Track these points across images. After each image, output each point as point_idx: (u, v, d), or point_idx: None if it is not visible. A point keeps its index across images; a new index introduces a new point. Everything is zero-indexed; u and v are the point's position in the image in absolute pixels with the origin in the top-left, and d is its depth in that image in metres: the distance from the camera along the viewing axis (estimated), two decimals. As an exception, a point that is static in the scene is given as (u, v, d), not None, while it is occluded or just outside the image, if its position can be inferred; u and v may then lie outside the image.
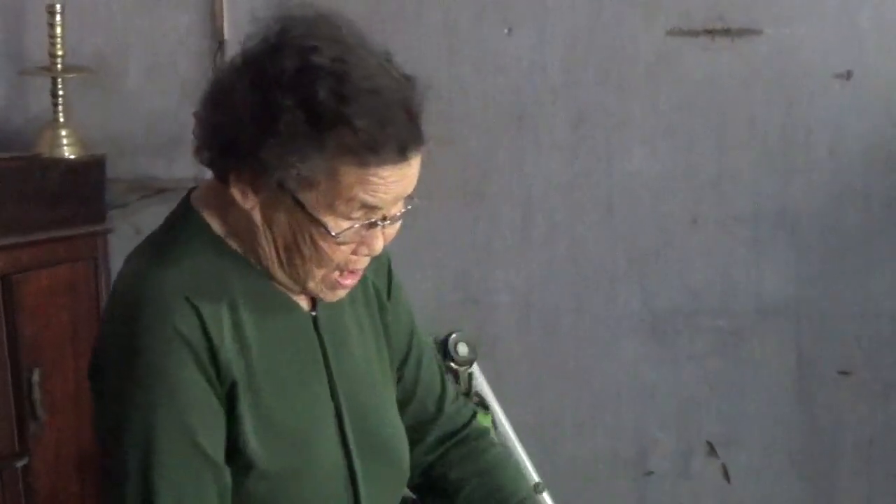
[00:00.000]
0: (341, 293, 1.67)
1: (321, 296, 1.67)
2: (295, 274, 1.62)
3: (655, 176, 3.15)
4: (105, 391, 1.59)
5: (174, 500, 1.53)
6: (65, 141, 3.23)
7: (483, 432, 1.97)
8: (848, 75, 2.89)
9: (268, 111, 1.48)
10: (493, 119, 3.25)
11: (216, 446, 1.56)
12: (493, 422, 2.24)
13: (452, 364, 2.20)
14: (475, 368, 2.25)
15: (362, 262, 1.64)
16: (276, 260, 1.62)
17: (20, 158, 3.23)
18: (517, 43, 3.24)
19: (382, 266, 1.82)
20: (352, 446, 1.68)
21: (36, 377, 3.00)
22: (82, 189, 3.25)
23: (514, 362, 3.14)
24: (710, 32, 2.97)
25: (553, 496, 2.15)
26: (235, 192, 1.55)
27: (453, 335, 2.23)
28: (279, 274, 1.64)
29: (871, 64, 2.91)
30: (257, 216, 1.57)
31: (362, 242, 1.59)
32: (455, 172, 3.30)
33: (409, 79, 1.57)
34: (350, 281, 1.65)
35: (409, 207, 1.64)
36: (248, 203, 1.56)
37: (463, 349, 2.23)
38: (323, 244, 1.56)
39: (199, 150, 1.60)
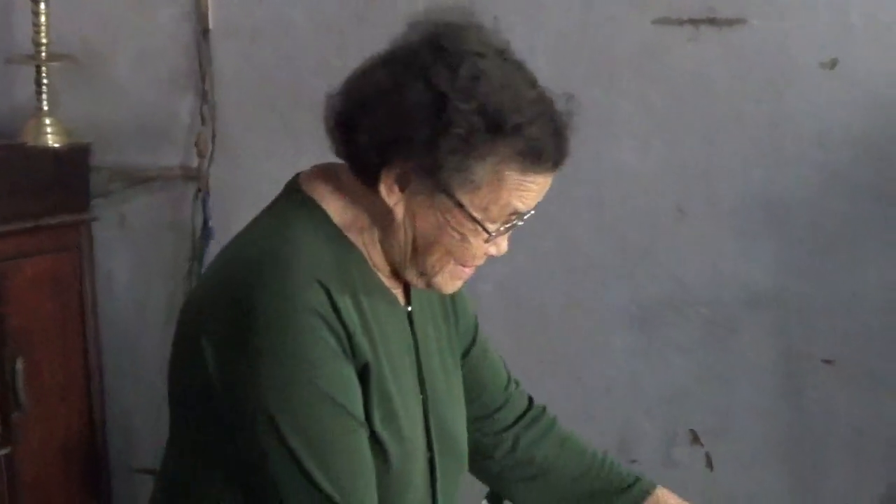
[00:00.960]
0: (460, 283, 1.70)
1: (443, 286, 1.68)
2: (421, 266, 1.64)
3: (644, 168, 3.13)
4: (216, 392, 1.57)
5: (335, 466, 1.56)
6: (49, 129, 3.25)
7: (550, 416, 2.01)
8: (832, 64, 2.86)
9: (444, 114, 1.51)
10: None
11: (359, 411, 1.59)
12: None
13: None
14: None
15: (482, 261, 1.67)
16: (409, 253, 1.64)
17: (4, 147, 3.27)
18: (506, 35, 3.24)
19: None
20: (434, 438, 1.73)
21: (20, 366, 3.04)
22: (66, 178, 3.27)
23: (504, 353, 3.12)
24: (695, 22, 2.96)
25: None
26: (383, 188, 1.57)
27: None
28: (405, 266, 1.66)
29: (858, 53, 2.89)
30: (400, 211, 1.59)
31: (496, 246, 1.64)
32: None
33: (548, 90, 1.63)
34: (465, 277, 1.68)
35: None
36: (393, 199, 1.58)
37: None
38: (473, 241, 1.59)
39: (339, 143, 1.62)
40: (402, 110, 1.53)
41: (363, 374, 1.59)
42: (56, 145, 3.25)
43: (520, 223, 1.63)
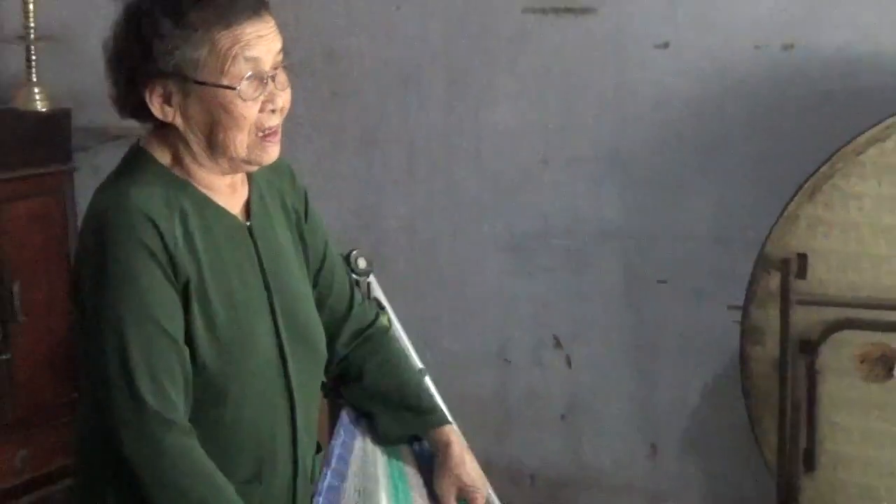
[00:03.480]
0: (273, 150, 1.80)
1: (259, 159, 1.80)
2: (226, 152, 1.77)
3: (514, 126, 3.51)
4: (85, 299, 1.75)
5: (148, 372, 1.68)
6: (37, 97, 3.59)
7: (384, 329, 2.12)
8: (665, 45, 3.22)
9: (143, 32, 1.69)
10: (384, 80, 3.56)
11: (178, 332, 1.71)
12: (389, 320, 2.31)
13: (354, 275, 2.29)
14: (372, 279, 2.40)
15: (274, 120, 1.78)
16: (208, 149, 1.78)
17: (4, 114, 3.57)
18: (404, 17, 3.56)
19: (300, 196, 2.00)
20: (283, 334, 1.84)
21: (16, 289, 3.38)
22: (52, 136, 3.58)
23: (402, 275, 3.45)
24: (556, 10, 3.29)
25: (432, 380, 2.29)
26: (156, 110, 1.72)
27: (354, 251, 2.35)
28: (214, 162, 1.79)
29: (685, 36, 3.22)
30: (179, 121, 1.73)
31: (266, 101, 1.75)
32: (353, 123, 3.64)
33: None
34: (272, 141, 1.79)
35: (286, 64, 1.79)
36: (169, 115, 1.73)
37: (362, 263, 2.36)
38: (232, 107, 1.72)
39: (119, 109, 1.80)
40: (120, 49, 1.74)
41: (186, 288, 1.74)
42: (43, 109, 3.57)
43: (274, 73, 1.76)
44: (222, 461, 1.75)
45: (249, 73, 1.69)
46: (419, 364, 2.25)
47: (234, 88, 1.67)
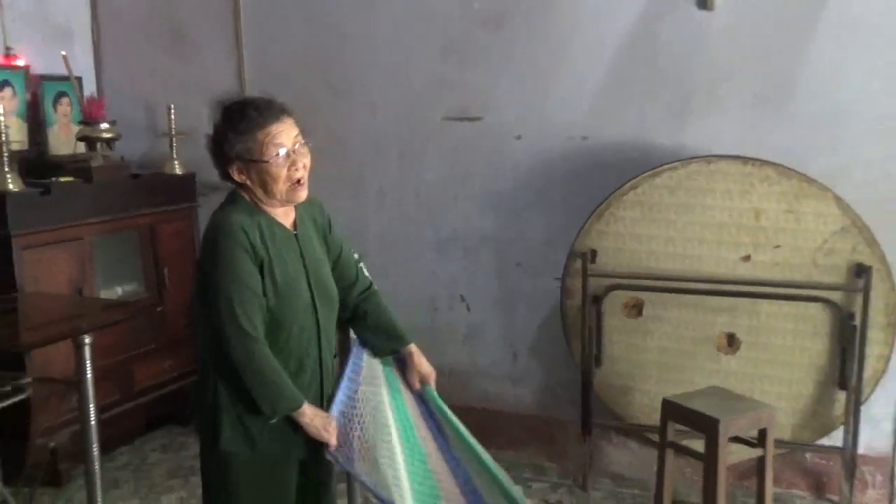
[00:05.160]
0: (301, 193, 1.85)
1: (294, 197, 1.85)
2: (273, 193, 1.82)
3: (438, 179, 3.66)
4: (205, 277, 1.81)
5: (243, 312, 1.77)
6: (176, 166, 3.96)
7: (375, 291, 2.16)
8: (519, 137, 3.51)
9: (219, 138, 1.83)
10: (365, 151, 3.75)
11: (258, 290, 1.79)
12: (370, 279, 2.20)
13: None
14: (362, 264, 2.25)
15: (298, 174, 1.83)
16: (263, 194, 1.83)
17: (159, 175, 3.92)
18: (377, 120, 3.70)
19: (326, 219, 2.04)
20: (314, 291, 1.90)
21: (166, 272, 3.85)
22: (185, 187, 3.98)
23: (378, 263, 3.46)
24: (460, 119, 3.60)
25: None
26: (235, 177, 1.82)
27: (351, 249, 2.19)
28: (273, 198, 1.84)
29: (530, 131, 3.50)
30: (248, 181, 1.82)
31: (292, 164, 1.81)
32: (348, 177, 3.80)
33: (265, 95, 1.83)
34: (300, 186, 1.84)
35: (309, 144, 1.86)
36: (243, 178, 1.82)
37: (355, 255, 2.23)
38: (272, 170, 1.78)
39: (219, 175, 1.91)
40: (211, 147, 1.85)
41: (262, 266, 1.78)
42: (180, 173, 3.92)
43: (294, 149, 1.80)
44: (280, 361, 1.85)
45: (276, 153, 1.80)
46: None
47: (266, 161, 1.80)
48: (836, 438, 3.10)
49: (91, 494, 2.76)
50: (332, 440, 1.88)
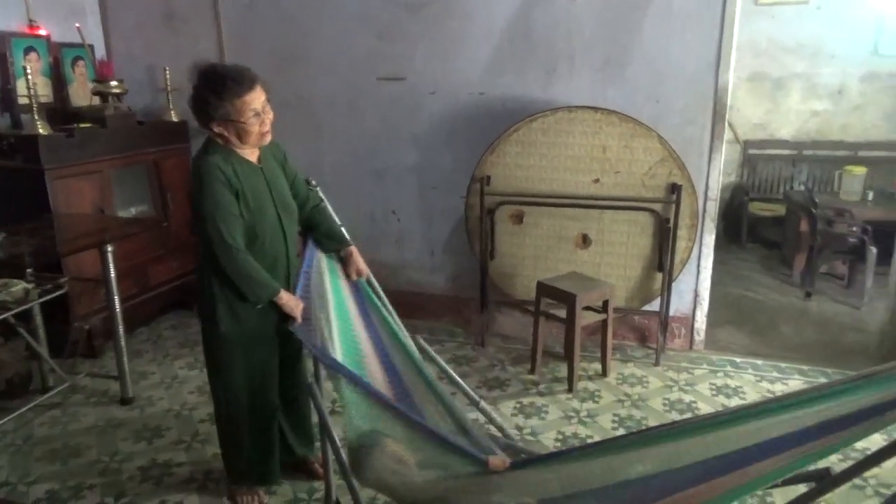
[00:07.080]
0: (267, 139, 1.79)
1: (260, 143, 1.77)
2: (246, 141, 1.77)
3: (377, 127, 3.49)
4: (196, 205, 1.76)
5: (227, 230, 1.73)
6: (172, 114, 3.76)
7: (324, 206, 2.08)
8: (433, 93, 3.36)
9: (201, 101, 1.72)
10: (323, 104, 3.54)
11: (236, 212, 1.76)
12: (324, 201, 2.12)
13: (309, 186, 2.12)
14: (318, 189, 2.16)
15: (265, 127, 1.78)
16: (238, 141, 1.77)
17: (159, 121, 3.68)
18: (324, 81, 3.50)
19: (283, 154, 1.97)
20: (278, 208, 1.85)
21: (168, 196, 3.67)
22: (181, 131, 3.77)
23: (332, 187, 3.35)
24: (387, 79, 3.42)
25: (344, 227, 2.11)
26: (215, 129, 1.75)
27: (308, 177, 2.14)
28: (246, 144, 1.76)
29: (441, 88, 3.30)
30: (225, 133, 1.76)
31: (262, 122, 1.76)
32: (309, 126, 3.61)
33: (240, 66, 1.71)
34: (266, 134, 1.77)
35: (271, 103, 1.77)
36: (220, 129, 1.76)
37: (312, 181, 2.15)
38: (247, 127, 1.74)
39: (200, 126, 1.81)
40: (193, 106, 1.74)
41: (237, 194, 1.74)
42: (176, 120, 3.72)
43: (264, 113, 1.72)
44: (259, 261, 1.84)
45: (251, 115, 1.74)
46: (337, 220, 2.12)
47: (243, 121, 1.74)
48: (654, 305, 3.19)
49: (120, 362, 2.80)
50: (299, 317, 1.85)
